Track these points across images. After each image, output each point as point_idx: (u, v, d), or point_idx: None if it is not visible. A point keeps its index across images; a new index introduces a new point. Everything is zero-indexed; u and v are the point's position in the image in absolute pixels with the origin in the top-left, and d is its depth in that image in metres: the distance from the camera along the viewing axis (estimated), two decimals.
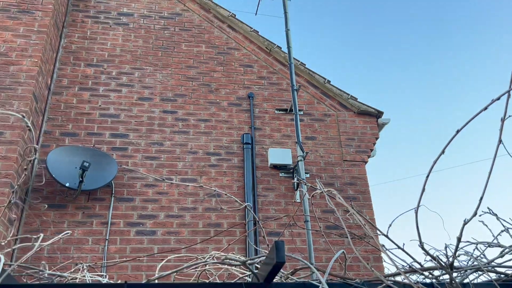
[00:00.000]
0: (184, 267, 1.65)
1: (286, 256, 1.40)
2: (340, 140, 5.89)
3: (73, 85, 5.64)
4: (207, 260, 1.87)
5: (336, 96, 6.18)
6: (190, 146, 5.50)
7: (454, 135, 1.46)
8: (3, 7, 5.39)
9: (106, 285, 1.41)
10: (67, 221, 4.85)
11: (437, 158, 1.57)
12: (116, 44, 6.01)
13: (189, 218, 5.07)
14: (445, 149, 1.48)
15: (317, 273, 1.39)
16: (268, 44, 6.39)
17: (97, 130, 5.40)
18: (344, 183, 5.64)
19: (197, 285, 1.46)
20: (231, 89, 6.00)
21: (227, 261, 1.68)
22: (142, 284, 1.45)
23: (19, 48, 5.17)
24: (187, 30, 6.33)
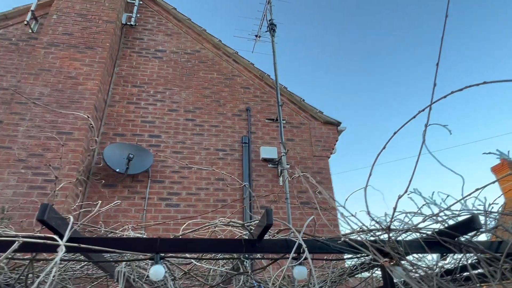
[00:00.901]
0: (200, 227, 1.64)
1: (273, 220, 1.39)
2: (311, 142, 5.88)
3: (123, 100, 5.58)
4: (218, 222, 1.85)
5: (309, 110, 6.16)
6: (204, 144, 5.46)
7: (391, 136, 1.46)
8: (75, 45, 5.34)
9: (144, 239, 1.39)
10: (117, 196, 4.80)
11: (380, 152, 1.57)
12: (153, 71, 5.96)
13: (203, 195, 5.03)
14: (385, 145, 1.47)
15: (295, 232, 1.38)
16: (261, 73, 6.36)
17: (139, 132, 5.35)
18: (314, 172, 5.62)
19: (209, 240, 1.44)
20: (234, 104, 5.97)
21: (231, 223, 1.67)
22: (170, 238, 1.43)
23: (85, 73, 5.11)
24: (204, 62, 6.29)
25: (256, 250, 1.48)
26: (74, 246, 1.13)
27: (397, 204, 1.49)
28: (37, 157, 4.33)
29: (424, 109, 1.38)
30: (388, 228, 1.53)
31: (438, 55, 1.40)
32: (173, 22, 6.57)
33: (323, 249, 1.50)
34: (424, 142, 1.47)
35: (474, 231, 1.55)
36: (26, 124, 4.51)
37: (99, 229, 1.73)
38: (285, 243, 1.48)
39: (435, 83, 1.40)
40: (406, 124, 1.42)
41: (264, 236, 1.49)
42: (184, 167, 5.18)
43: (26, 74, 4.93)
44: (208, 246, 1.45)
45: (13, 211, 3.79)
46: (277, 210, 5.13)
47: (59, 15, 5.54)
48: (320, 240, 1.50)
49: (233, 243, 1.49)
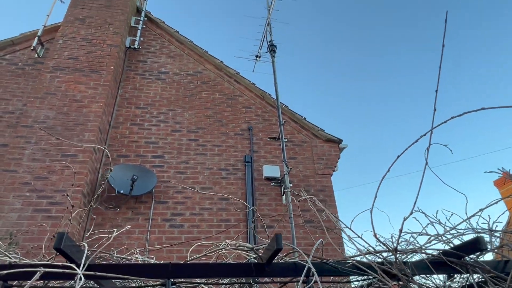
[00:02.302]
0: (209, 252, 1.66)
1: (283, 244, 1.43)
2: (313, 159, 5.92)
3: (126, 121, 5.66)
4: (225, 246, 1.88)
5: (310, 129, 6.24)
6: (207, 164, 5.50)
7: (394, 160, 1.51)
8: (80, 69, 5.46)
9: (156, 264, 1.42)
10: (120, 218, 4.81)
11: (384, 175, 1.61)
12: (156, 93, 6.07)
13: (207, 215, 5.03)
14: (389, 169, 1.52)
15: (304, 255, 1.41)
16: (262, 93, 6.47)
17: (142, 153, 5.40)
18: (316, 189, 5.64)
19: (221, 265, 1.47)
20: (236, 124, 6.04)
21: (239, 247, 1.69)
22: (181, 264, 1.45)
23: (89, 96, 5.21)
24: (206, 83, 6.41)
25: (266, 274, 1.51)
26: (91, 274, 1.16)
27: (402, 226, 1.53)
28: (42, 180, 4.37)
29: (426, 134, 1.43)
30: (395, 249, 1.56)
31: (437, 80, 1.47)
32: (176, 45, 6.74)
33: (332, 272, 1.53)
34: (427, 164, 1.51)
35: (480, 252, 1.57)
36: (32, 147, 4.57)
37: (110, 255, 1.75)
38: (294, 266, 1.51)
39: (435, 108, 1.46)
40: (408, 148, 1.47)
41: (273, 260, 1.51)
42: (187, 187, 5.20)
43: (32, 98, 5.03)
44: (220, 271, 1.47)
45: (18, 235, 3.80)
46: (281, 229, 5.12)
47: (65, 40, 5.69)
48: (329, 263, 1.53)
49: (243, 267, 1.51)
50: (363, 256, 1.57)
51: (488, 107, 1.27)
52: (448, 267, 1.65)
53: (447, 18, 1.35)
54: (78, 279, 1.01)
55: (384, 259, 1.61)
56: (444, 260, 1.64)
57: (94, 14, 6.13)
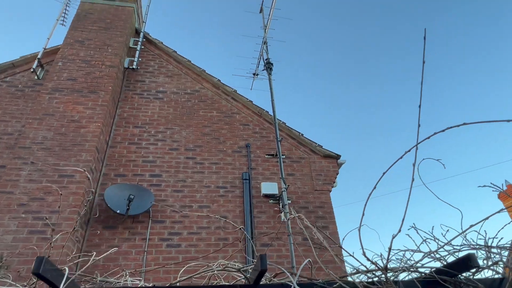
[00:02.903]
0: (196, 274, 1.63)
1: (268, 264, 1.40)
2: (312, 176, 5.89)
3: (124, 140, 5.69)
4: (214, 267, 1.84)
5: (308, 145, 6.23)
6: (205, 182, 5.48)
7: (380, 177, 1.49)
8: (78, 89, 5.53)
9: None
10: (117, 238, 4.76)
11: (371, 192, 1.59)
12: (154, 112, 6.12)
13: (205, 234, 4.97)
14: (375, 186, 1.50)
15: (290, 276, 1.38)
16: (259, 110, 6.51)
17: (140, 172, 5.40)
18: (315, 206, 5.59)
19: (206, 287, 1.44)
20: (234, 141, 6.05)
21: (227, 268, 1.66)
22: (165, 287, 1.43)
23: (87, 116, 5.26)
24: (204, 101, 6.46)
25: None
26: None
27: (391, 244, 1.50)
28: (38, 201, 4.35)
29: (410, 150, 1.42)
30: (385, 268, 1.52)
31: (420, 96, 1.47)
32: (174, 64, 6.83)
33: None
34: (414, 181, 1.50)
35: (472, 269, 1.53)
36: (29, 168, 4.58)
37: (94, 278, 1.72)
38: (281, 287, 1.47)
39: (419, 124, 1.46)
40: (393, 164, 1.46)
41: (261, 281, 1.48)
42: (185, 205, 5.17)
43: (30, 119, 5.07)
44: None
45: (12, 257, 3.76)
46: (280, 248, 5.04)
47: (64, 62, 5.79)
48: (317, 283, 1.49)
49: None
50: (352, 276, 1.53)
51: (469, 122, 1.27)
52: (441, 286, 1.60)
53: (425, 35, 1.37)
54: None
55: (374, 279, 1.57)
56: (436, 278, 1.60)
57: (93, 36, 6.26)
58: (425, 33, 1.36)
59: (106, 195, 4.79)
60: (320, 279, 1.55)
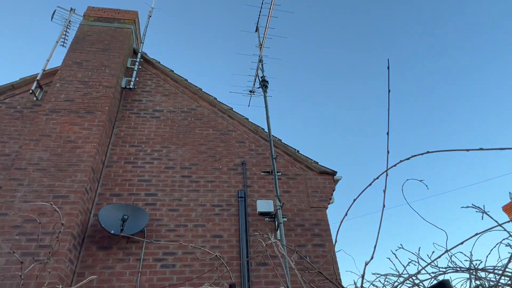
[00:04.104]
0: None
1: None
2: (308, 193, 5.87)
3: (120, 160, 5.73)
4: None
5: (304, 161, 6.24)
6: (200, 200, 5.47)
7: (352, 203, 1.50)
8: (75, 110, 5.62)
9: None
10: (111, 258, 4.74)
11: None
12: (150, 130, 6.18)
13: (200, 254, 4.94)
14: (347, 213, 1.51)
15: None
16: (255, 127, 6.55)
17: (135, 191, 5.41)
18: (312, 223, 5.55)
19: None
20: (230, 159, 6.08)
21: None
22: None
23: (83, 137, 5.32)
24: (200, 119, 6.52)
25: None
26: None
27: (364, 271, 1.49)
28: (32, 223, 4.36)
29: (379, 177, 1.43)
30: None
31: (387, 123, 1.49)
32: (170, 83, 6.94)
33: None
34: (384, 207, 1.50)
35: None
36: (24, 190, 4.62)
37: None
38: None
39: (388, 150, 1.47)
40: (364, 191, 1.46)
41: None
42: (180, 225, 5.16)
43: (27, 140, 5.14)
44: None
45: (4, 280, 3.75)
46: (276, 267, 4.98)
47: (62, 83, 5.91)
48: None
49: None
50: None
51: (432, 151, 1.28)
52: None
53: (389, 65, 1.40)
54: None
55: None
56: None
57: (91, 58, 6.39)
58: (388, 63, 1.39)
59: (101, 215, 4.80)
60: None
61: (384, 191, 1.50)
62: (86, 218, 4.89)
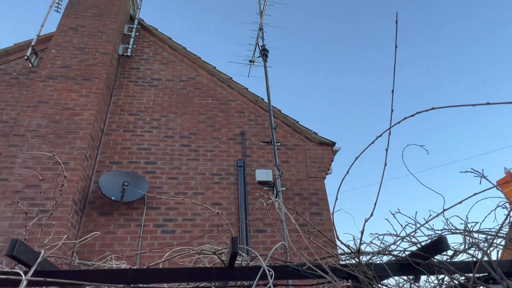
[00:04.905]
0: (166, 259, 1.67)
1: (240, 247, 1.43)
2: (306, 163, 5.91)
3: (119, 128, 5.71)
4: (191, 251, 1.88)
5: (303, 132, 6.24)
6: (200, 169, 5.51)
7: (353, 161, 1.51)
8: (72, 77, 5.53)
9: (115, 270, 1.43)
10: (112, 224, 4.83)
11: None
12: (149, 99, 6.12)
13: (199, 221, 5.04)
14: (348, 171, 1.52)
15: (260, 258, 1.41)
16: (254, 97, 6.49)
17: (135, 159, 5.44)
18: (310, 193, 5.63)
19: (180, 269, 1.47)
20: (229, 128, 6.07)
21: (203, 251, 1.70)
22: (141, 269, 1.46)
23: (81, 104, 5.27)
24: (199, 89, 6.45)
25: (227, 278, 1.51)
26: (39, 280, 1.17)
27: (364, 228, 1.52)
28: (33, 188, 4.41)
29: (382, 134, 1.43)
30: (358, 251, 1.55)
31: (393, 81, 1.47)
32: (169, 51, 6.79)
33: (294, 275, 1.52)
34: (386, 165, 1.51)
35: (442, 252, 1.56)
36: (23, 156, 4.62)
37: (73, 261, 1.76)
38: (255, 270, 1.51)
39: (392, 109, 1.46)
40: (366, 148, 1.47)
41: (235, 264, 1.52)
42: (180, 192, 5.22)
43: (24, 107, 5.09)
44: (179, 275, 1.48)
45: (5, 243, 3.83)
46: (274, 234, 5.10)
47: (58, 49, 5.77)
48: (291, 266, 1.53)
49: (204, 272, 1.51)
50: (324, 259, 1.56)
51: (437, 107, 1.28)
52: (414, 269, 1.63)
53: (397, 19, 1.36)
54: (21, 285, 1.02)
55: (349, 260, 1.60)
56: (409, 261, 1.63)
57: (87, 23, 6.21)
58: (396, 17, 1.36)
59: (101, 182, 4.84)
60: (294, 262, 1.58)
61: (386, 150, 1.50)
62: (86, 185, 4.94)
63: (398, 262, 1.65)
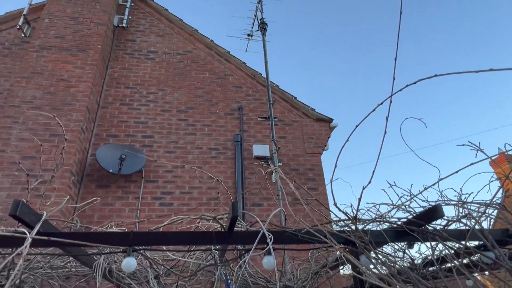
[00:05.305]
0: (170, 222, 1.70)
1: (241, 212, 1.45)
2: (303, 139, 5.93)
3: (115, 101, 5.65)
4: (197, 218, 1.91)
5: (301, 108, 6.22)
6: (197, 143, 5.52)
7: (354, 128, 1.51)
8: (67, 48, 5.40)
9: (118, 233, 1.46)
10: (110, 196, 4.87)
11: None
12: (146, 72, 6.03)
13: (196, 194, 5.09)
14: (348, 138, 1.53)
15: (260, 223, 1.44)
16: (253, 72, 6.41)
17: (132, 133, 5.42)
18: (306, 168, 5.68)
19: (181, 233, 1.50)
20: (227, 103, 6.03)
21: (203, 216, 1.73)
22: (143, 232, 1.49)
23: (77, 76, 5.18)
24: (196, 62, 6.35)
25: (227, 242, 1.54)
26: (43, 239, 1.19)
27: (362, 195, 1.55)
28: (30, 160, 4.40)
29: (383, 102, 1.43)
30: (355, 218, 1.59)
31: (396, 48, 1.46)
32: (165, 23, 6.63)
33: (291, 240, 1.56)
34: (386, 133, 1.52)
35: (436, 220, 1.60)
36: (19, 127, 4.59)
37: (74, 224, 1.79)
38: (254, 234, 1.54)
39: (394, 77, 1.46)
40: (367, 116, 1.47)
41: (234, 228, 1.55)
42: (177, 166, 5.25)
43: (18, 78, 5.00)
44: (179, 239, 1.51)
45: (4, 213, 3.86)
46: (270, 207, 5.18)
47: (51, 19, 5.61)
48: (288, 231, 1.56)
49: (204, 236, 1.55)
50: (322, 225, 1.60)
51: (440, 74, 1.27)
52: (409, 236, 1.68)
53: None
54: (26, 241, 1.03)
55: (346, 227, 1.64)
56: (404, 228, 1.68)
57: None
58: None
59: (98, 155, 4.84)
60: (293, 228, 1.62)
61: (386, 118, 1.50)
62: (83, 157, 4.94)
63: (393, 229, 1.69)
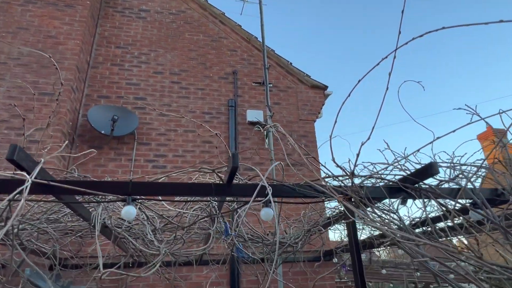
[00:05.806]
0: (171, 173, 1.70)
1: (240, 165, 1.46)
2: (298, 105, 5.90)
3: (106, 61, 5.47)
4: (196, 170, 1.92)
5: (296, 74, 6.13)
6: (190, 107, 5.45)
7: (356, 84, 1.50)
8: (53, 2, 5.13)
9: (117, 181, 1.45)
10: (103, 157, 4.84)
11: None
12: (137, 32, 5.81)
13: (190, 157, 5.10)
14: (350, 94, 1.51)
15: (261, 175, 1.45)
16: (248, 35, 6.24)
17: (124, 94, 5.30)
18: (300, 135, 5.69)
19: (180, 184, 1.50)
20: (221, 67, 5.90)
21: (202, 169, 1.73)
22: (142, 182, 1.49)
23: (65, 33, 4.97)
24: (189, 23, 6.13)
25: (225, 194, 1.56)
26: (43, 182, 1.18)
27: (360, 150, 1.56)
28: (20, 118, 4.29)
29: (387, 56, 1.41)
30: (352, 173, 1.61)
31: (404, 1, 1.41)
32: None
33: (289, 193, 1.58)
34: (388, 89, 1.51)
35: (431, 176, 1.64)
36: (7, 85, 4.44)
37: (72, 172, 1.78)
38: (253, 186, 1.56)
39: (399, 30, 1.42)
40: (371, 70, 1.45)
41: (233, 181, 1.55)
42: (170, 130, 5.20)
43: (3, 33, 4.76)
44: (178, 190, 1.52)
45: None
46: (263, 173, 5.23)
47: None
48: (286, 185, 1.58)
49: (203, 187, 1.56)
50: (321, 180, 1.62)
51: (448, 26, 1.24)
52: (403, 192, 1.72)
53: None
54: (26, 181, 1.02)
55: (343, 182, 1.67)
56: (399, 185, 1.71)
57: None
58: None
59: (90, 115, 4.75)
60: (290, 183, 1.64)
61: (389, 74, 1.49)
62: (75, 118, 4.84)
63: (388, 186, 1.73)
